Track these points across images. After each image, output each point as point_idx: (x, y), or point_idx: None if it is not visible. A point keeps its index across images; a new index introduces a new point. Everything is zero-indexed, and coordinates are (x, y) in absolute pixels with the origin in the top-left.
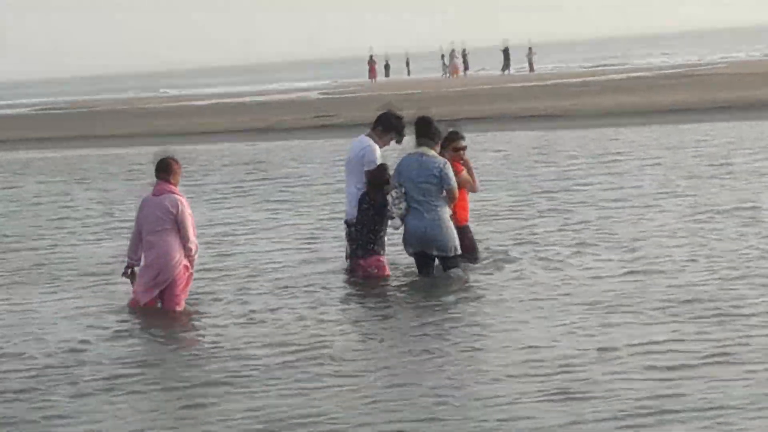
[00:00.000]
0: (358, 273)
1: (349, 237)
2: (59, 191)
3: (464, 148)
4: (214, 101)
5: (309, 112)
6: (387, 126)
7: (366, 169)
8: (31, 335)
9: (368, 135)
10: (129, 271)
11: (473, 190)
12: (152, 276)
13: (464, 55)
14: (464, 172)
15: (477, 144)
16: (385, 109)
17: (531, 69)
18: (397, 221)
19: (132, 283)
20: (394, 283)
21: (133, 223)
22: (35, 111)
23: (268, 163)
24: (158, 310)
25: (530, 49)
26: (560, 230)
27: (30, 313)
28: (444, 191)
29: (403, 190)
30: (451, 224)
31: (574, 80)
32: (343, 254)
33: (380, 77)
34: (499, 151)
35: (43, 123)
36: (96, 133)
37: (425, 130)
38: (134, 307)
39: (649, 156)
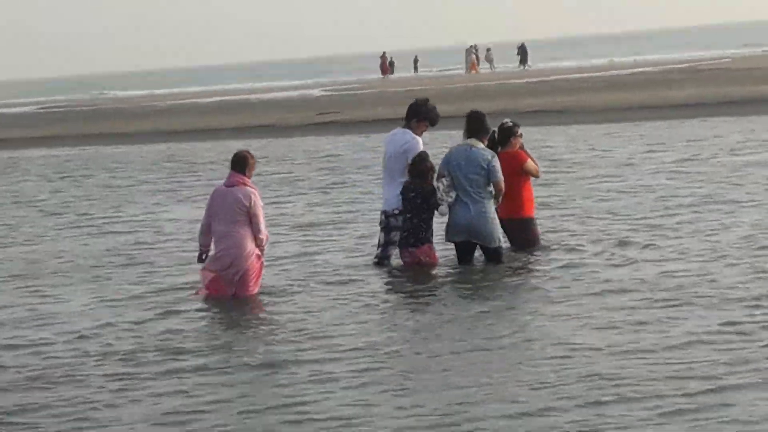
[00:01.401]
0: (406, 260)
1: (386, 227)
2: (54, 189)
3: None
4: (217, 99)
5: (312, 110)
6: (423, 115)
7: (411, 162)
8: (42, 327)
9: (406, 128)
10: (203, 257)
11: (538, 175)
12: (225, 266)
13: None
14: (530, 161)
15: None
16: (413, 100)
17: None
18: (445, 208)
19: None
20: (438, 272)
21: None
22: (36, 110)
23: (274, 160)
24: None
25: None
26: (578, 223)
27: (39, 306)
28: (491, 184)
29: (451, 179)
30: (495, 216)
31: (578, 76)
32: (375, 243)
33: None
34: None
35: (44, 121)
36: (99, 132)
37: (477, 124)
38: (209, 296)
39: (657, 150)
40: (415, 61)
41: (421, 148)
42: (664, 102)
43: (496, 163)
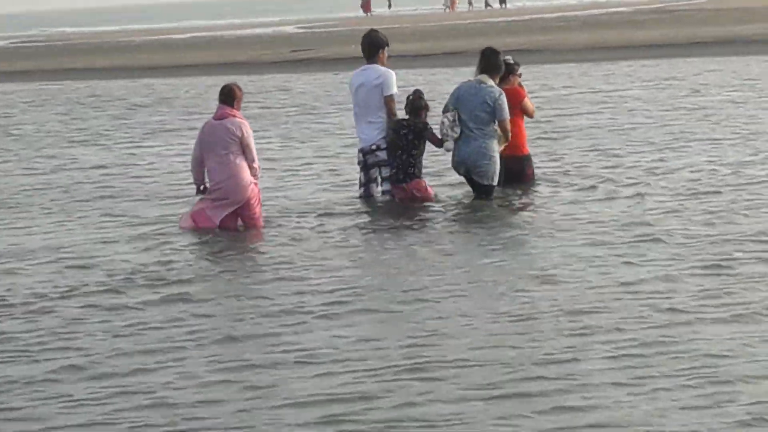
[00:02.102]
0: (400, 197)
1: (364, 165)
2: (18, 122)
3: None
4: (189, 35)
5: (286, 47)
6: (383, 44)
7: (386, 94)
8: (19, 259)
9: (375, 63)
10: (202, 188)
11: (532, 115)
12: (220, 197)
13: None
14: (527, 99)
15: (459, 76)
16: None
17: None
18: (450, 144)
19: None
20: (422, 209)
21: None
22: (11, 44)
23: (247, 97)
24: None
25: None
26: (555, 161)
27: (11, 238)
28: (496, 122)
29: (456, 115)
30: (496, 155)
31: (552, 15)
32: (356, 183)
33: (360, 12)
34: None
35: (18, 56)
36: (75, 66)
37: (491, 60)
38: (192, 229)
39: (631, 89)
40: None
41: (395, 79)
42: (638, 42)
43: (503, 102)
